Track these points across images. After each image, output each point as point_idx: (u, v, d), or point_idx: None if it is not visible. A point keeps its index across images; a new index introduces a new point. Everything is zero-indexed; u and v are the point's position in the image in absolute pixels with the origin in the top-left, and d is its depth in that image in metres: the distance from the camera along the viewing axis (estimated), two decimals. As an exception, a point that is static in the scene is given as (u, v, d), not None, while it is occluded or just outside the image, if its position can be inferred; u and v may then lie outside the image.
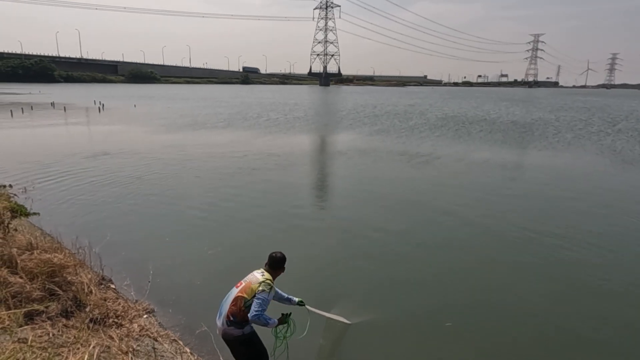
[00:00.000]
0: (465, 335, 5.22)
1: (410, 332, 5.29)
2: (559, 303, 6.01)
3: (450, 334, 5.22)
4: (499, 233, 8.62)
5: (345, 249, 7.72)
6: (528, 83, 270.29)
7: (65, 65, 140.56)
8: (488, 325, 5.48)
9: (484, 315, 5.70)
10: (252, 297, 3.62)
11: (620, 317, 5.67)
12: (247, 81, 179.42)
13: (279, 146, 19.44)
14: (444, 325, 5.36)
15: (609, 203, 10.93)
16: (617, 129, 28.78)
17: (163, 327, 5.15)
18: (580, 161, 17.08)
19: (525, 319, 5.62)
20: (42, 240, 6.11)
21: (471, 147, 19.97)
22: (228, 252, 7.52)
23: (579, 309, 5.90)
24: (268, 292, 3.66)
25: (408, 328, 5.39)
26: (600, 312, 5.79)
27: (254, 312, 3.55)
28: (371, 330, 5.23)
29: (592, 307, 5.94)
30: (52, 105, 41.15)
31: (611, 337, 5.28)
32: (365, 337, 5.13)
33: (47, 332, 3.98)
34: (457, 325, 5.37)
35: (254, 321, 3.60)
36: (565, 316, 5.69)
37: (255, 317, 3.56)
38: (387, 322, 5.43)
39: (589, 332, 5.37)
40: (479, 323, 5.51)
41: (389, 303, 5.94)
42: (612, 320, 5.61)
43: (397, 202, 10.69)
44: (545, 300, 6.03)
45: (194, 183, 12.32)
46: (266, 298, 3.63)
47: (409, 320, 5.56)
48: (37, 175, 12.80)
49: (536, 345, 5.06)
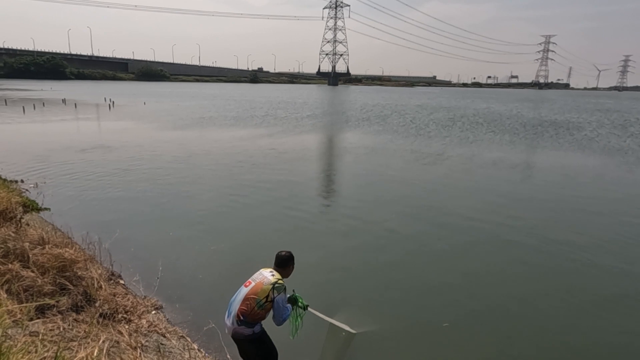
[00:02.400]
0: (477, 345, 5.06)
1: (417, 343, 5.08)
2: (568, 309, 5.95)
3: (460, 346, 5.03)
4: (517, 238, 8.44)
5: (352, 252, 7.63)
6: (538, 84, 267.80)
7: (77, 63, 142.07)
8: (505, 334, 5.32)
9: (498, 323, 5.56)
10: (265, 298, 3.62)
11: (631, 325, 5.60)
12: (255, 80, 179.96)
13: (287, 144, 19.47)
14: (453, 337, 5.14)
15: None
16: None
17: (171, 324, 5.19)
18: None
19: (549, 329, 5.45)
20: (53, 235, 6.17)
21: (486, 146, 19.85)
22: (236, 250, 7.54)
23: (586, 315, 5.83)
24: (283, 293, 3.73)
25: (415, 338, 5.18)
26: (608, 319, 5.72)
27: (282, 319, 3.73)
28: (376, 340, 5.02)
29: (600, 313, 5.86)
30: (63, 102, 41.61)
31: (616, 343, 5.21)
32: (370, 347, 4.95)
33: (58, 326, 4.02)
34: (469, 334, 5.21)
35: (282, 323, 3.78)
36: (573, 322, 5.63)
37: (282, 322, 3.75)
38: (393, 331, 5.20)
39: (595, 338, 5.31)
40: (493, 331, 5.37)
41: (396, 311, 5.73)
42: (619, 328, 5.54)
43: (407, 203, 10.64)
44: (553, 306, 5.97)
45: (204, 181, 12.39)
46: (283, 299, 3.74)
47: (416, 330, 5.34)
48: (48, 170, 12.95)
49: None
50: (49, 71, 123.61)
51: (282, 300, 3.70)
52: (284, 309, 3.73)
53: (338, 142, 22.36)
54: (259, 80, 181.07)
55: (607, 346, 5.16)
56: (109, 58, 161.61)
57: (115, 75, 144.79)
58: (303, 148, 19.12)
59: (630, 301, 6.14)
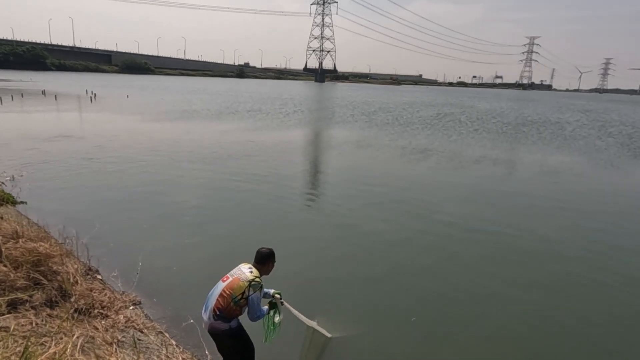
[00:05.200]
0: (463, 346, 5.02)
1: (395, 346, 4.96)
2: (547, 298, 6.07)
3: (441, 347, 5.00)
4: (505, 236, 8.51)
5: (332, 249, 7.54)
6: (522, 85, 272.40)
7: (58, 54, 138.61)
8: (487, 333, 5.34)
9: (479, 322, 5.57)
10: (241, 295, 3.58)
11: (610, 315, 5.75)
12: (242, 75, 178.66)
13: (271, 139, 19.36)
14: (434, 341, 5.07)
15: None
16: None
17: (149, 319, 5.11)
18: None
19: (533, 322, 5.54)
20: (29, 229, 6.02)
21: (474, 142, 20.08)
22: (217, 244, 7.48)
23: (564, 303, 5.95)
24: (259, 291, 3.70)
25: (393, 342, 5.01)
26: (587, 308, 5.86)
27: (255, 316, 3.75)
28: (351, 344, 4.87)
29: (580, 302, 6.00)
30: (43, 94, 40.57)
31: (595, 334, 5.35)
32: (345, 351, 4.78)
33: (30, 321, 3.93)
34: (456, 336, 5.17)
35: (256, 321, 3.81)
36: (551, 312, 5.73)
37: (256, 319, 3.79)
38: (370, 336, 5.08)
39: (575, 326, 5.43)
40: (479, 332, 5.36)
41: (375, 313, 5.61)
42: (598, 317, 5.69)
43: (390, 199, 10.69)
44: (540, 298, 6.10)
45: (185, 174, 12.23)
46: (259, 297, 3.72)
47: (393, 333, 5.19)
48: (26, 163, 12.62)
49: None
50: (29, 61, 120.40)
51: (257, 298, 3.67)
52: (258, 308, 3.72)
53: (323, 138, 22.35)
54: (245, 75, 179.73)
55: (588, 332, 5.30)
56: (92, 49, 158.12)
57: (98, 67, 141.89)
58: (287, 143, 19.05)
59: (601, 280, 6.32)
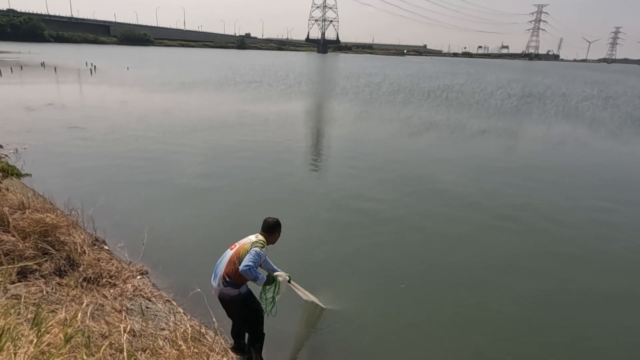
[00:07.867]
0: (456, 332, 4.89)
1: (390, 326, 4.85)
2: (540, 276, 6.13)
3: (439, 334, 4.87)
4: (505, 208, 8.49)
5: (332, 224, 7.45)
6: (529, 55, 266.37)
7: (55, 25, 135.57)
8: (481, 306, 5.36)
9: (479, 298, 5.56)
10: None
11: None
12: (243, 46, 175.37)
13: (274, 112, 19.18)
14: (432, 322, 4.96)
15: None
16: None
17: (157, 288, 5.21)
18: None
19: (527, 289, 5.64)
20: (34, 201, 6.05)
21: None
22: (222, 215, 7.54)
23: (555, 283, 5.97)
24: (260, 248, 3.67)
25: (387, 310, 5.09)
26: (578, 287, 5.91)
27: (245, 264, 3.53)
28: (346, 316, 4.90)
29: (571, 283, 6.03)
30: (42, 66, 40.06)
31: (596, 306, 5.42)
32: (340, 324, 4.80)
33: (40, 289, 4.01)
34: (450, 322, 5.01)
35: (244, 273, 3.55)
36: (539, 290, 5.75)
37: (246, 268, 3.52)
38: (365, 310, 5.09)
39: (575, 295, 5.51)
40: (470, 297, 5.47)
41: (370, 288, 5.59)
42: (600, 288, 5.75)
43: (392, 173, 10.67)
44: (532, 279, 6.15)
45: (189, 147, 12.20)
46: (258, 252, 3.62)
47: (392, 311, 5.15)
48: (29, 136, 12.59)
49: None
50: (27, 33, 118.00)
51: (256, 253, 3.61)
52: (255, 258, 3.57)
53: (325, 110, 22.11)
54: (246, 47, 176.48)
55: (581, 314, 5.36)
56: (90, 20, 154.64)
57: (97, 38, 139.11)
58: (290, 115, 18.87)
59: (595, 257, 6.37)
